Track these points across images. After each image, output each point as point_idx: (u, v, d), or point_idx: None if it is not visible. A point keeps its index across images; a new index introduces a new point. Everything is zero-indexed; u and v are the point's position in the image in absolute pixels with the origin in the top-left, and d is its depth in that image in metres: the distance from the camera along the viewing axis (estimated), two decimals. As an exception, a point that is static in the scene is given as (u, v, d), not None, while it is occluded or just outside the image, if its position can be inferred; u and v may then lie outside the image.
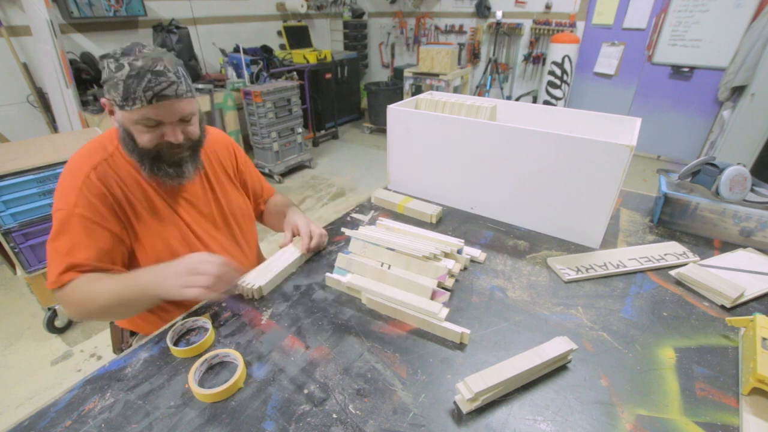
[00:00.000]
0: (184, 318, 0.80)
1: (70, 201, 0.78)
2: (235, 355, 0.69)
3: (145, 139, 0.79)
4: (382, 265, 0.88)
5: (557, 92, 3.89)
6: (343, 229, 0.98)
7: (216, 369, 0.69)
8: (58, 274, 0.77)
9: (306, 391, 0.64)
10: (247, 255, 1.09)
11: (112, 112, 0.81)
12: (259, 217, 1.21)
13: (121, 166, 0.85)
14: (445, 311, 0.77)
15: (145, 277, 0.77)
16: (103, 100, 0.80)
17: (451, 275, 0.88)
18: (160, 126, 0.79)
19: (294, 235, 1.02)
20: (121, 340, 1.09)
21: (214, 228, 0.99)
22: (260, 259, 1.19)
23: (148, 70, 0.74)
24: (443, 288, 0.85)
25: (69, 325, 1.92)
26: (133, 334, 1.09)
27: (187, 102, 0.80)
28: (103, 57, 0.79)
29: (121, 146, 0.83)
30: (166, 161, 0.84)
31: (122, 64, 0.73)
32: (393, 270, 0.86)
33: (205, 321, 0.78)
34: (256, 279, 0.87)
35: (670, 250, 0.99)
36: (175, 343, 0.75)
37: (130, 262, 0.87)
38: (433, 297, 0.80)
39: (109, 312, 0.81)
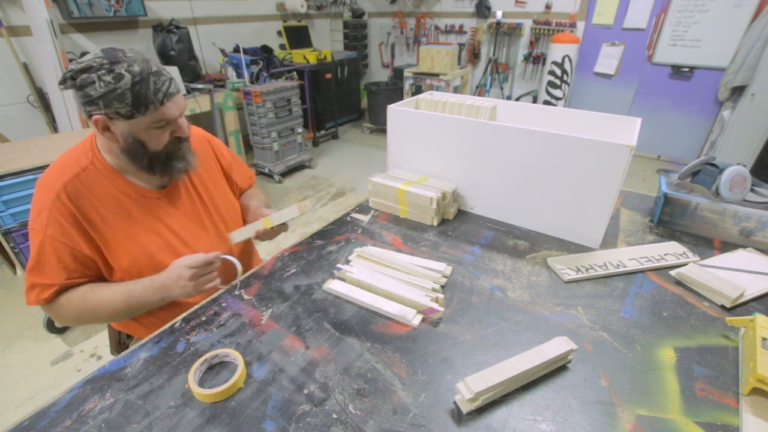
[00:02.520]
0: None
1: (42, 222, 0.79)
2: (235, 355, 0.69)
3: (158, 141, 0.81)
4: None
5: (557, 92, 3.89)
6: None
7: (216, 369, 0.69)
8: (38, 292, 0.81)
9: (306, 391, 0.64)
10: (243, 250, 1.11)
11: (107, 128, 0.76)
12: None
13: (94, 181, 0.83)
14: (418, 318, 0.79)
15: (145, 291, 0.83)
16: (97, 117, 0.74)
17: (444, 276, 0.89)
18: (167, 126, 0.81)
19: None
20: (118, 342, 1.10)
21: (202, 230, 0.98)
22: (252, 252, 1.20)
23: (149, 73, 0.74)
24: (440, 289, 0.86)
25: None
26: (129, 336, 1.09)
27: (182, 96, 0.83)
28: (84, 71, 0.71)
29: (124, 157, 0.81)
30: (175, 158, 0.86)
31: (120, 73, 0.71)
32: (387, 285, 0.85)
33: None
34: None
35: (670, 250, 0.99)
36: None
37: (108, 271, 0.87)
38: (425, 312, 0.80)
39: (109, 320, 0.92)
